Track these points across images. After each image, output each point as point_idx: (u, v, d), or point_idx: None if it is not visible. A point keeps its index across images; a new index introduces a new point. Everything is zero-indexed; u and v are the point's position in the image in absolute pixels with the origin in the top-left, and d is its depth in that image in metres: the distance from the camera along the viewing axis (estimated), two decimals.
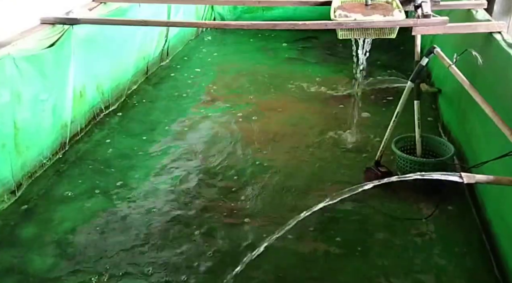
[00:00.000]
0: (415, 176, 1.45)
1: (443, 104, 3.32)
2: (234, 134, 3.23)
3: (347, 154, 2.98)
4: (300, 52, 4.72)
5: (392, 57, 4.42)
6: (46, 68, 2.71)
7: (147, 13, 3.80)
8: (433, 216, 2.37)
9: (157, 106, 3.66)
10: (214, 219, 2.42)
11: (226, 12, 5.50)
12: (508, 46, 2.30)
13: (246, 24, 3.00)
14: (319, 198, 2.00)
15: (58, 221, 2.41)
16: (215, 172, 2.81)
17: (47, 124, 2.80)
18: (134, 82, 3.92)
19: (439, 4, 2.83)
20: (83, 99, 3.19)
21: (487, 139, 2.34)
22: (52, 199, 2.57)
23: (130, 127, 3.33)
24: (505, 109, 2.05)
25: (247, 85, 4.00)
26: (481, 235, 2.27)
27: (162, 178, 2.76)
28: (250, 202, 2.55)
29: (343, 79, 4.00)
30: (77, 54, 3.01)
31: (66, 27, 2.87)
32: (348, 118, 3.40)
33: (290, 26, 2.67)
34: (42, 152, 2.79)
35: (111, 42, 3.48)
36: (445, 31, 2.54)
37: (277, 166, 2.85)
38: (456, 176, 1.46)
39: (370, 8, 2.71)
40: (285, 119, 3.43)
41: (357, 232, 2.32)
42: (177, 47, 4.76)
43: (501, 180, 1.49)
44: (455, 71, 2.25)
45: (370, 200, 2.49)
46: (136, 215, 2.46)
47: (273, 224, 2.31)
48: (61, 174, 2.79)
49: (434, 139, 2.75)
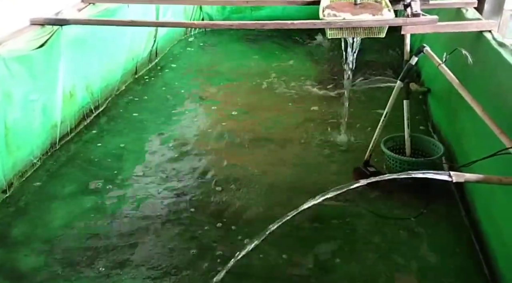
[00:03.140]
0: (403, 175, 1.45)
1: (433, 104, 3.33)
2: (223, 133, 3.24)
3: (335, 153, 2.99)
4: (289, 52, 4.72)
5: (382, 56, 4.45)
6: (36, 69, 2.70)
7: (136, 13, 3.79)
8: (422, 215, 2.38)
9: (146, 106, 3.65)
10: (203, 218, 2.42)
11: (214, 12, 5.49)
12: (498, 45, 2.30)
13: (235, 24, 2.99)
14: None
15: (48, 220, 2.40)
16: (204, 171, 2.81)
17: (37, 124, 2.78)
18: (123, 82, 3.91)
19: (428, 3, 2.83)
20: (72, 100, 3.18)
21: (477, 138, 2.35)
22: (42, 198, 2.57)
23: (119, 127, 3.32)
24: (495, 108, 2.06)
25: (236, 85, 4.00)
26: (470, 234, 2.28)
27: (152, 178, 2.76)
28: (239, 200, 2.55)
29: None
30: (66, 54, 2.99)
31: (55, 28, 2.85)
32: (336, 117, 3.41)
33: (278, 26, 2.67)
34: (33, 151, 2.78)
35: (101, 43, 3.46)
36: (434, 30, 2.54)
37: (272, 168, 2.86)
38: (446, 174, 1.46)
39: (359, 7, 2.70)
40: (274, 118, 3.44)
41: (345, 232, 2.32)
42: (166, 47, 4.75)
43: (490, 178, 1.50)
44: (444, 70, 2.26)
45: (359, 199, 2.49)
46: (127, 214, 2.45)
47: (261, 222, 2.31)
48: (52, 173, 2.78)
49: (423, 139, 2.76)
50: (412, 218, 2.37)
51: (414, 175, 1.44)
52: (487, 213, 2.17)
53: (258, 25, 2.79)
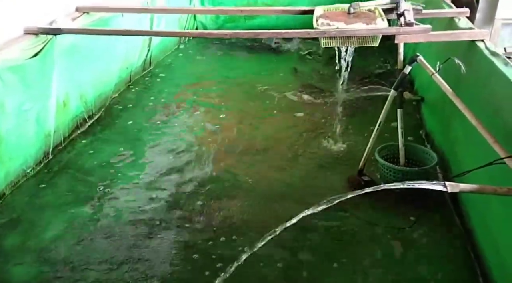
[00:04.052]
0: (398, 185, 1.45)
1: (427, 112, 3.34)
2: (218, 142, 3.22)
3: (330, 160, 2.99)
4: (281, 62, 4.75)
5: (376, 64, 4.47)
6: (30, 78, 2.69)
7: (130, 22, 3.79)
8: (417, 224, 2.37)
9: (140, 115, 3.64)
10: (194, 228, 2.40)
11: (208, 22, 5.51)
12: (491, 54, 2.32)
13: (229, 33, 3.00)
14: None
15: (41, 230, 2.38)
16: (198, 181, 2.78)
17: (30, 134, 2.76)
18: (117, 91, 3.91)
19: (421, 13, 2.86)
20: (66, 109, 3.16)
21: (471, 147, 2.35)
22: (35, 209, 2.54)
23: (113, 136, 3.30)
24: (488, 117, 2.07)
25: (230, 94, 4.00)
26: (465, 244, 2.27)
27: (145, 187, 2.74)
28: (233, 211, 2.53)
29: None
30: (60, 64, 2.98)
31: (49, 37, 2.84)
32: (331, 125, 3.41)
33: (272, 35, 2.69)
34: (26, 161, 2.75)
35: (94, 52, 3.46)
36: (427, 39, 2.56)
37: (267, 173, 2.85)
38: (440, 185, 1.45)
39: (352, 17, 2.72)
40: (266, 127, 3.44)
41: (340, 242, 2.31)
42: (160, 56, 4.75)
43: (485, 188, 1.49)
44: (438, 79, 2.27)
45: (354, 208, 2.49)
46: (121, 224, 2.43)
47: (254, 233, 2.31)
48: (45, 183, 2.76)
49: (417, 148, 2.76)
50: (406, 227, 2.37)
51: (409, 186, 1.43)
52: (482, 222, 2.17)
53: (252, 34, 2.80)
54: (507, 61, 2.18)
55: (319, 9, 2.85)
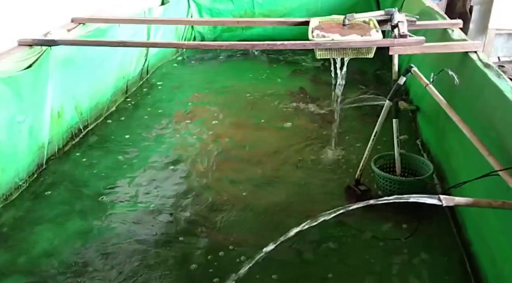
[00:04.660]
0: (393, 199, 1.45)
1: (422, 122, 3.35)
2: (213, 153, 3.21)
3: (327, 171, 2.99)
4: (277, 69, 4.77)
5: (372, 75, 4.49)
6: (23, 90, 2.67)
7: (127, 33, 3.79)
8: (413, 235, 2.36)
9: (136, 125, 3.62)
10: (193, 242, 2.38)
11: (206, 31, 5.52)
12: (484, 66, 2.33)
13: (225, 44, 3.01)
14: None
15: (32, 246, 2.34)
16: (195, 193, 2.76)
17: (23, 146, 2.74)
18: (113, 101, 3.89)
19: (415, 24, 2.88)
20: (61, 120, 3.15)
21: (466, 157, 2.35)
22: (27, 222, 2.51)
23: (108, 147, 3.28)
24: (483, 128, 2.07)
25: (227, 103, 4.00)
26: (462, 255, 2.26)
27: (140, 199, 2.71)
28: (231, 222, 2.52)
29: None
30: (55, 74, 2.97)
31: (44, 48, 2.84)
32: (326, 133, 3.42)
33: (268, 47, 2.69)
34: (18, 174, 2.72)
35: (90, 62, 3.46)
36: (421, 51, 2.58)
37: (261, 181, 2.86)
38: (435, 198, 1.46)
39: (347, 28, 2.74)
40: (263, 138, 3.43)
41: (336, 253, 2.30)
42: (157, 65, 4.75)
43: (480, 202, 1.49)
44: (432, 91, 2.28)
45: (350, 219, 2.47)
46: (114, 237, 2.40)
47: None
48: (38, 195, 2.73)
49: (413, 157, 2.77)
50: (402, 239, 2.36)
51: (404, 199, 1.43)
52: (478, 234, 2.17)
53: (248, 45, 2.82)
54: (499, 73, 2.19)
55: (314, 21, 2.86)
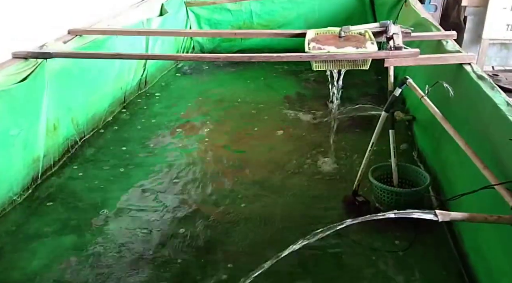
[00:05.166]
0: (388, 214, 1.44)
1: (418, 132, 3.35)
2: (212, 163, 3.20)
3: (325, 181, 2.98)
4: (276, 78, 4.78)
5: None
6: (17, 103, 2.65)
7: (125, 43, 3.78)
8: (411, 247, 2.35)
9: (134, 136, 3.60)
10: (190, 257, 2.35)
11: (205, 41, 5.54)
12: (478, 78, 2.34)
13: (222, 56, 3.03)
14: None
15: (26, 263, 2.30)
16: (192, 209, 2.73)
17: (17, 159, 2.71)
18: (111, 112, 3.87)
19: (410, 35, 2.90)
20: (56, 132, 3.12)
21: (462, 168, 2.35)
22: (20, 238, 2.47)
23: (105, 160, 3.26)
24: (478, 140, 2.08)
25: (225, 113, 3.99)
26: (459, 268, 2.25)
27: (137, 214, 2.68)
28: (229, 236, 2.50)
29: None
30: (51, 87, 2.95)
31: (39, 61, 2.83)
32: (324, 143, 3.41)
33: (265, 59, 2.71)
34: (12, 188, 2.69)
35: (87, 73, 3.44)
36: (416, 62, 2.59)
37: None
38: (431, 214, 1.45)
39: (343, 40, 2.75)
40: (260, 147, 3.43)
41: (331, 265, 2.29)
42: (156, 75, 4.74)
43: (475, 217, 1.49)
44: (427, 103, 2.28)
45: (347, 230, 2.44)
46: (110, 253, 2.37)
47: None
48: (32, 210, 2.69)
49: (410, 168, 2.76)
50: (400, 252, 2.35)
51: (399, 215, 1.43)
52: (475, 246, 2.16)
53: (245, 57, 2.83)
54: (493, 85, 2.20)
55: (310, 32, 2.88)
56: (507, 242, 1.81)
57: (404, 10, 4.35)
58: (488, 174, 1.69)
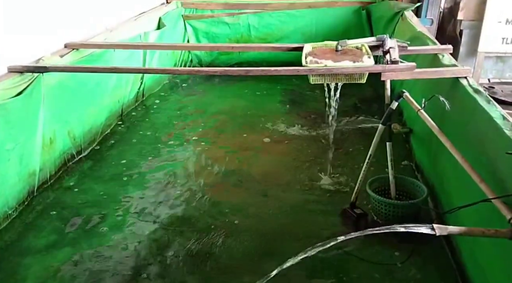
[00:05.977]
0: (386, 229, 1.43)
1: (415, 144, 3.36)
2: (210, 177, 3.19)
3: (323, 194, 2.97)
4: (273, 89, 4.80)
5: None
6: (13, 118, 2.64)
7: (122, 56, 3.79)
8: (409, 259, 2.34)
9: (131, 150, 3.59)
10: (188, 270, 2.34)
11: (203, 54, 5.57)
12: (474, 92, 2.36)
13: (219, 70, 3.03)
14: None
15: (21, 278, 2.28)
16: (190, 222, 2.72)
17: (13, 174, 2.69)
18: (108, 125, 3.87)
19: (406, 49, 2.91)
20: (53, 146, 3.11)
21: (459, 180, 2.35)
22: (16, 253, 2.45)
23: (102, 173, 3.24)
24: (474, 154, 2.08)
25: (222, 126, 4.00)
26: (457, 279, 2.24)
27: (133, 228, 2.67)
28: (226, 249, 2.49)
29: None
30: (47, 101, 2.95)
31: (35, 75, 2.82)
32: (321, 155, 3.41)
33: (262, 73, 2.71)
34: (8, 202, 2.67)
35: (84, 87, 3.45)
36: (412, 76, 2.60)
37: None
38: (429, 227, 1.45)
39: (340, 54, 2.76)
40: (260, 159, 3.43)
41: (329, 277, 2.27)
42: (153, 88, 4.75)
43: (473, 231, 1.48)
44: (424, 116, 2.29)
45: (344, 242, 2.42)
46: (106, 267, 2.35)
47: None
48: (28, 224, 2.68)
49: (407, 180, 2.76)
50: (398, 263, 2.33)
51: (396, 229, 1.42)
52: (472, 257, 2.15)
53: (242, 71, 2.83)
54: (489, 99, 2.21)
55: (308, 46, 2.89)
56: (504, 254, 1.80)
57: (401, 24, 4.39)
58: (485, 187, 1.69)
